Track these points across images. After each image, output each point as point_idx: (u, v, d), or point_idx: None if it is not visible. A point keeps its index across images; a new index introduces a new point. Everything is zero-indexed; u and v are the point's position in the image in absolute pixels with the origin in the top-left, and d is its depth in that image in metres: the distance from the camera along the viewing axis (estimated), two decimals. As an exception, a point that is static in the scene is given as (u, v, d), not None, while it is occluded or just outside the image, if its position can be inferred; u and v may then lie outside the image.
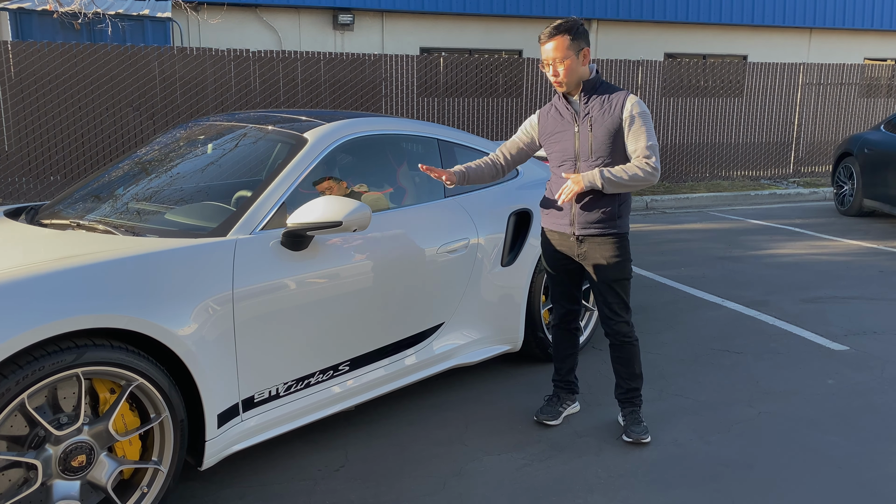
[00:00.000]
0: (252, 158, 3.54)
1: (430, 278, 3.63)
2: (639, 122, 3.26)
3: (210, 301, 2.74)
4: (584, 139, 3.34)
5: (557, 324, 3.69)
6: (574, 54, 3.25)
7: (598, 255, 3.40)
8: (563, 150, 3.41)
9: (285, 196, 3.15)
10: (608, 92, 3.33)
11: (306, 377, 3.16)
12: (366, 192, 3.66)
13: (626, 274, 3.44)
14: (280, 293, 2.98)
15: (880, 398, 3.95)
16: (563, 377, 3.75)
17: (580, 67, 3.29)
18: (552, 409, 3.67)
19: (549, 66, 3.29)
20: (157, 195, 3.44)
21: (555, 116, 3.45)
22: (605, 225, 3.36)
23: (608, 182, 3.23)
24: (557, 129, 3.42)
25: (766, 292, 5.96)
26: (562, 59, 3.25)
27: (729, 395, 4.00)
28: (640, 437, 3.46)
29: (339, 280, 3.20)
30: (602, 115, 3.30)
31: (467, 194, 4.02)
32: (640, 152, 3.26)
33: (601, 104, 3.32)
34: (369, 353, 3.42)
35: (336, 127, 3.53)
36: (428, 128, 4.07)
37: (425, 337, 3.71)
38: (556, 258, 3.55)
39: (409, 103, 11.11)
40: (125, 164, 3.83)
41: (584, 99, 3.35)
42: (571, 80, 3.29)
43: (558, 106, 3.44)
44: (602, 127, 3.30)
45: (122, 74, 9.77)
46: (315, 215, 2.97)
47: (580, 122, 3.35)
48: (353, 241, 3.29)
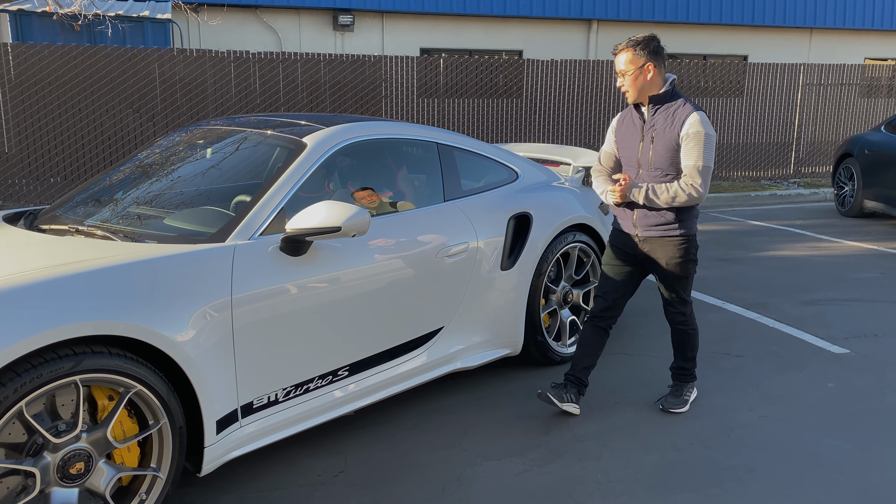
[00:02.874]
0: (251, 163, 3.53)
1: (429, 282, 3.63)
2: (694, 140, 3.41)
3: (208, 307, 2.73)
4: (646, 150, 3.54)
5: (593, 316, 3.79)
6: (635, 68, 3.45)
7: (659, 254, 3.62)
8: (628, 156, 3.64)
9: (284, 201, 3.15)
10: (675, 106, 3.50)
11: (305, 382, 3.15)
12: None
13: (686, 273, 3.65)
14: (279, 299, 2.97)
15: (881, 402, 3.94)
16: (577, 374, 3.78)
17: (643, 80, 3.47)
18: (557, 392, 3.72)
19: (619, 77, 3.53)
20: (156, 200, 3.43)
21: (628, 123, 3.66)
22: (664, 227, 3.56)
23: (648, 201, 3.49)
24: (627, 135, 3.64)
25: (766, 294, 5.95)
26: (625, 72, 3.48)
27: (729, 398, 3.99)
28: (670, 407, 3.79)
29: (339, 285, 3.19)
30: (664, 130, 3.48)
31: (466, 198, 4.01)
32: (688, 172, 3.43)
33: (665, 118, 3.50)
34: (369, 357, 3.41)
35: (335, 132, 3.53)
36: (427, 131, 4.06)
37: (425, 341, 3.70)
38: (617, 255, 3.77)
39: (409, 104, 11.09)
40: (124, 168, 3.83)
41: (652, 111, 3.54)
42: (634, 91, 3.49)
43: (632, 114, 3.65)
44: (662, 141, 3.48)
45: (121, 76, 9.76)
46: (314, 220, 2.97)
47: (645, 133, 3.55)
48: (353, 245, 3.28)
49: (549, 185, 4.59)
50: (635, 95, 3.52)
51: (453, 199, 3.95)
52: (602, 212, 4.81)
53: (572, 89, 11.86)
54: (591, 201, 4.71)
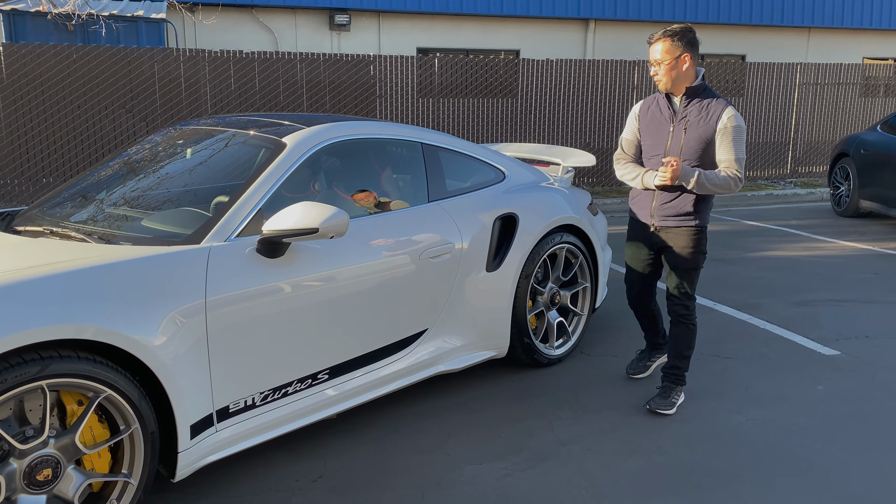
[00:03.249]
0: (231, 163, 3.49)
1: (412, 284, 3.58)
2: (732, 134, 3.52)
3: (182, 310, 2.69)
4: (676, 140, 3.60)
5: (631, 305, 4.11)
6: (672, 58, 3.52)
7: (673, 244, 3.71)
8: (654, 144, 3.69)
9: (262, 202, 3.10)
10: (708, 99, 3.57)
11: (284, 386, 3.11)
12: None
13: (695, 265, 3.73)
14: (256, 301, 2.93)
15: (869, 405, 3.90)
16: (650, 339, 4.22)
17: (678, 71, 3.54)
18: (640, 364, 4.22)
19: (652, 66, 3.60)
20: (134, 201, 3.39)
21: (654, 111, 3.71)
22: (681, 218, 3.66)
23: (699, 185, 3.51)
24: (654, 123, 3.70)
25: (759, 295, 5.90)
26: (661, 61, 3.53)
27: (717, 401, 3.94)
28: (657, 408, 3.78)
29: (318, 287, 3.15)
30: (698, 122, 3.55)
31: (452, 199, 3.97)
32: (730, 164, 3.53)
33: (699, 110, 3.57)
34: (350, 360, 3.37)
35: (316, 131, 3.48)
36: (412, 131, 4.01)
37: (408, 343, 3.66)
38: (635, 244, 3.92)
39: (404, 104, 11.04)
40: (104, 168, 3.78)
41: (685, 102, 3.60)
42: (668, 79, 3.56)
43: (660, 102, 3.69)
44: (696, 132, 3.56)
45: (114, 76, 9.72)
46: (290, 222, 2.92)
47: (676, 123, 3.61)
48: (333, 247, 3.24)
49: (536, 185, 4.55)
50: (668, 85, 3.58)
51: (438, 200, 3.90)
52: (591, 212, 4.77)
53: (569, 89, 11.81)
54: (579, 202, 4.67)
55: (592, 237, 4.56)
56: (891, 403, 3.92)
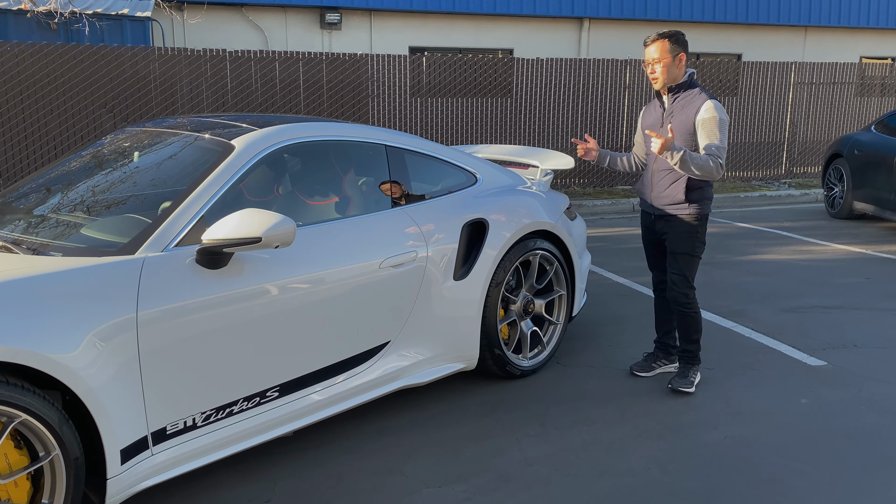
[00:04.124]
0: (179, 167, 3.29)
1: (371, 295, 3.40)
2: (711, 124, 3.69)
3: (110, 327, 2.50)
4: (664, 135, 3.68)
5: (655, 288, 4.23)
6: (671, 57, 3.75)
7: (670, 230, 3.92)
8: (648, 141, 3.89)
9: (205, 209, 2.92)
10: (691, 94, 3.79)
11: (228, 405, 2.93)
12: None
13: (692, 251, 3.90)
14: (195, 316, 2.74)
15: (855, 421, 3.71)
16: (661, 339, 4.26)
17: (674, 69, 3.77)
18: (646, 363, 4.26)
19: (650, 66, 3.80)
20: (76, 207, 3.21)
21: (651, 111, 4.00)
22: (676, 206, 3.86)
23: (682, 161, 3.62)
24: (649, 122, 3.98)
25: (745, 301, 5.72)
26: (660, 60, 3.75)
27: (695, 415, 3.76)
28: (678, 386, 4.00)
29: (265, 299, 2.97)
30: (681, 115, 3.78)
31: (417, 204, 3.78)
32: (708, 150, 3.68)
33: (683, 105, 3.80)
34: (303, 377, 3.18)
35: (268, 133, 3.30)
36: (376, 133, 3.83)
37: (368, 357, 3.48)
38: (644, 232, 4.17)
39: (395, 104, 10.86)
40: (48, 174, 3.60)
41: (672, 98, 3.85)
42: (666, 79, 3.78)
43: (655, 102, 3.97)
44: (678, 126, 3.77)
45: (94, 75, 9.53)
46: (231, 231, 2.74)
47: (665, 119, 3.86)
48: (283, 256, 3.06)
49: (511, 189, 4.37)
50: (664, 82, 3.79)
51: (402, 205, 3.72)
52: (568, 217, 4.58)
53: (564, 88, 11.63)
54: (555, 206, 4.48)
55: (568, 243, 4.38)
56: (877, 418, 3.73)
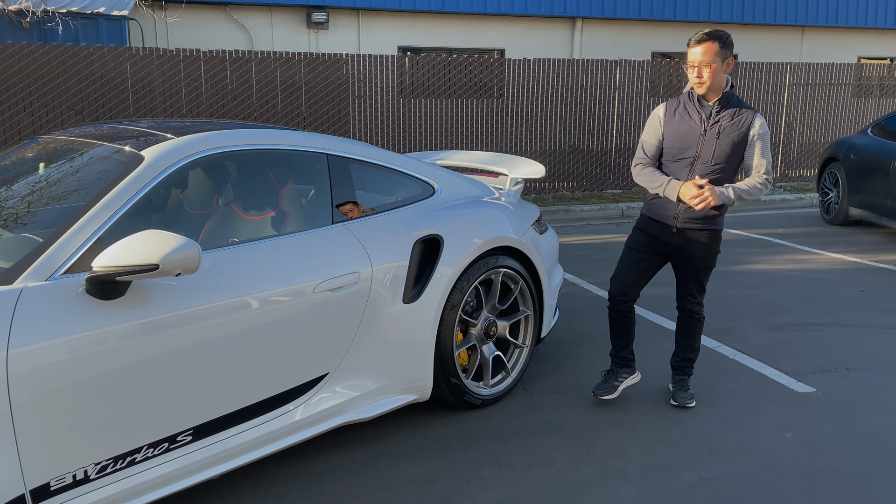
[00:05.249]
0: (83, 181, 2.92)
1: (304, 322, 3.05)
2: (764, 141, 3.59)
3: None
4: (708, 144, 3.58)
5: (611, 298, 3.89)
6: (720, 60, 3.50)
7: (693, 246, 3.72)
8: (683, 148, 3.63)
9: (103, 230, 2.57)
10: (739, 106, 3.59)
11: (130, 453, 2.57)
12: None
13: (712, 265, 3.82)
14: (84, 353, 2.39)
15: (844, 460, 3.36)
16: (618, 353, 3.96)
17: (721, 74, 3.53)
18: (608, 384, 3.94)
19: (695, 69, 3.52)
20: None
21: (682, 114, 3.65)
22: (705, 222, 3.68)
23: (738, 199, 3.57)
24: (683, 126, 3.64)
25: (731, 317, 5.37)
26: (708, 63, 3.48)
27: (669, 453, 3.41)
28: (685, 402, 3.86)
29: (171, 332, 2.61)
30: (731, 127, 3.57)
31: (362, 219, 3.43)
32: (763, 169, 3.60)
33: (731, 116, 3.58)
34: (221, 418, 2.83)
35: (184, 143, 2.94)
36: (317, 141, 3.47)
37: (302, 392, 3.12)
38: (645, 241, 3.81)
39: (376, 105, 10.51)
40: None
41: (717, 107, 3.58)
42: (713, 83, 3.52)
43: (689, 106, 3.64)
44: (729, 138, 3.57)
45: (62, 76, 9.18)
46: (125, 256, 2.39)
47: (709, 128, 3.58)
48: (195, 283, 2.71)
49: (473, 201, 4.02)
50: (709, 87, 3.53)
51: (344, 221, 3.37)
52: (536, 230, 4.23)
53: (556, 89, 11.28)
54: (522, 219, 4.13)
55: (535, 259, 4.03)
56: (868, 456, 3.38)
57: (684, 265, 3.79)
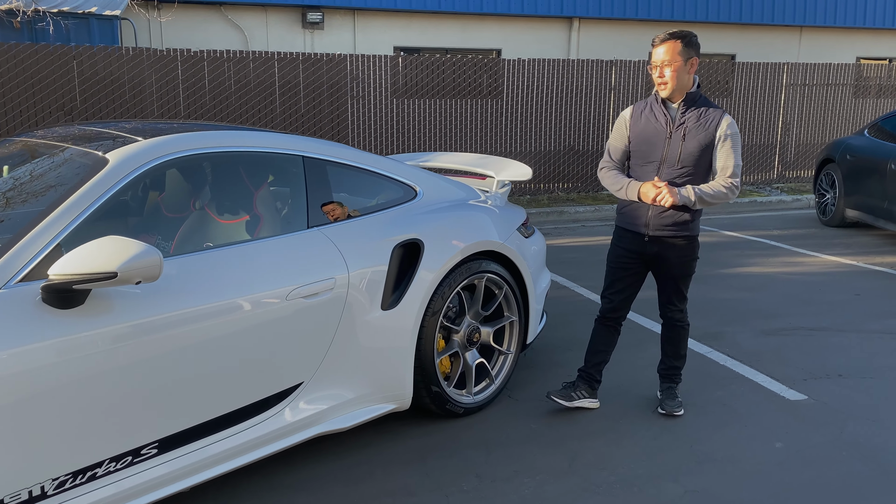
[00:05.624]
0: (46, 185, 2.84)
1: (276, 330, 2.95)
2: (731, 142, 3.46)
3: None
4: (674, 146, 3.49)
5: (599, 318, 3.83)
6: (683, 60, 3.40)
7: (668, 254, 3.60)
8: (649, 151, 3.54)
9: (62, 236, 2.48)
10: (707, 107, 3.50)
11: (91, 468, 2.48)
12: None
13: (690, 272, 3.71)
14: (40, 364, 2.30)
15: (834, 470, 3.27)
16: (588, 370, 3.84)
17: (685, 75, 3.43)
18: (565, 392, 3.80)
19: (657, 69, 3.44)
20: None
21: (648, 117, 3.56)
22: (677, 228, 3.55)
23: (700, 201, 3.45)
24: (649, 129, 3.55)
25: (723, 322, 5.28)
26: (670, 62, 3.40)
27: (655, 464, 3.32)
28: (672, 410, 3.76)
29: (135, 342, 2.52)
30: (697, 128, 3.46)
31: (338, 224, 3.34)
32: (729, 171, 3.47)
33: (698, 117, 3.48)
34: (189, 429, 2.74)
35: (151, 145, 2.85)
36: (293, 143, 3.38)
37: (275, 402, 3.03)
38: (623, 255, 3.71)
39: (371, 105, 10.42)
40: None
41: (683, 108, 3.49)
42: (676, 84, 3.43)
43: (654, 108, 3.55)
44: (695, 139, 3.46)
45: (51, 76, 9.09)
46: (82, 264, 2.30)
47: (674, 130, 3.49)
48: (161, 290, 2.62)
49: (457, 204, 3.92)
50: (673, 88, 3.44)
51: (320, 226, 3.28)
52: (522, 234, 4.14)
53: (552, 90, 11.19)
54: (507, 223, 4.04)
55: (520, 264, 3.94)
56: (859, 467, 3.29)
57: (662, 273, 3.70)
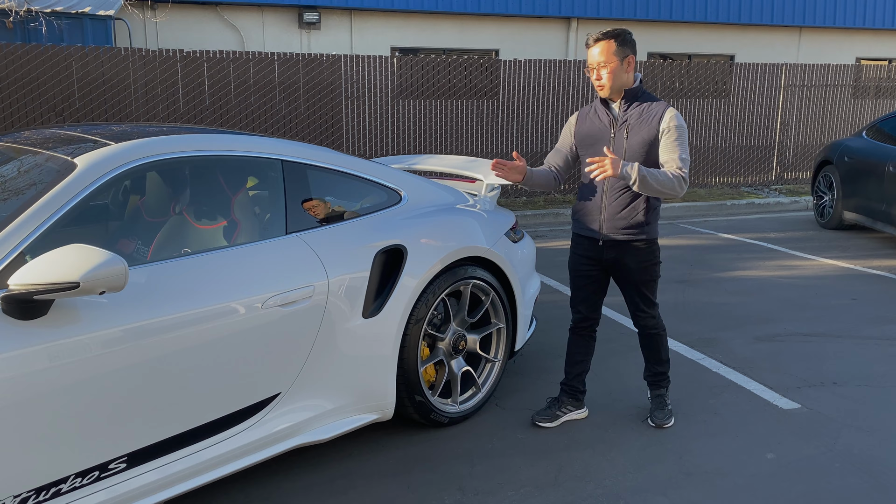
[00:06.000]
0: (13, 191, 2.76)
1: (251, 340, 2.87)
2: (675, 134, 3.33)
3: None
4: (618, 145, 3.40)
5: (572, 328, 3.76)
6: (618, 60, 3.31)
7: (626, 259, 3.48)
8: (595, 153, 3.43)
9: (25, 244, 2.40)
10: (648, 101, 3.40)
11: (54, 484, 2.40)
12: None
13: (653, 276, 3.55)
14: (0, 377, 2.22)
15: (827, 482, 3.18)
16: (569, 382, 3.76)
17: (623, 74, 3.34)
18: (550, 412, 3.72)
19: (594, 71, 3.35)
20: None
21: (592, 119, 3.50)
22: (633, 231, 3.43)
23: (642, 179, 3.21)
24: (593, 132, 3.48)
25: (717, 327, 5.19)
26: (606, 63, 3.31)
27: (642, 477, 3.23)
28: (662, 423, 3.67)
29: (101, 353, 2.44)
30: (639, 124, 3.37)
31: (318, 229, 3.25)
32: (674, 163, 3.32)
33: (640, 113, 3.38)
34: (160, 443, 2.65)
35: (122, 149, 2.76)
36: (271, 146, 3.29)
37: (251, 414, 2.95)
38: (581, 262, 3.61)
39: (366, 106, 10.34)
40: None
41: (624, 106, 3.41)
42: (614, 84, 3.35)
43: (598, 109, 3.49)
44: (638, 136, 3.37)
45: (42, 76, 9.02)
46: (43, 273, 2.22)
47: (617, 129, 3.41)
48: (129, 299, 2.53)
49: (444, 208, 3.84)
50: (611, 88, 3.37)
51: (299, 231, 3.19)
52: (510, 239, 4.06)
53: (550, 90, 11.11)
54: (495, 227, 3.96)
55: (507, 269, 3.86)
56: (852, 480, 3.20)
57: (623, 280, 3.56)
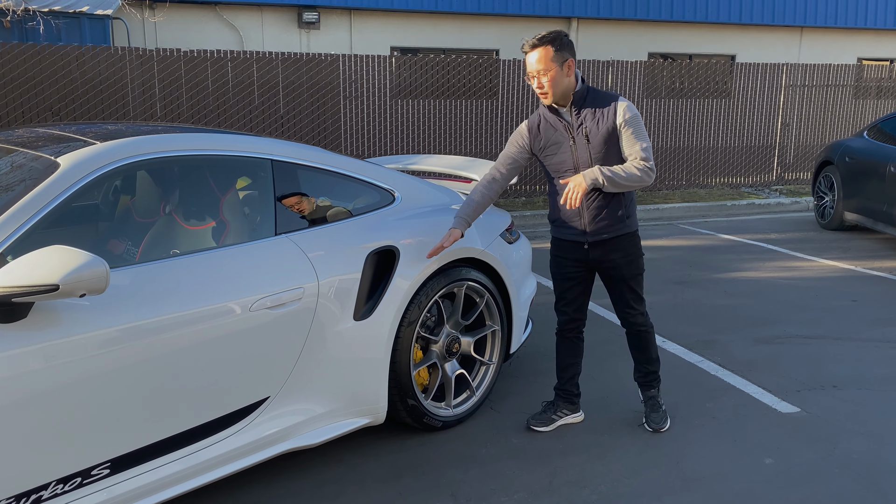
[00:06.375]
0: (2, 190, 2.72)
1: (238, 343, 2.82)
2: (632, 126, 3.26)
3: None
4: (581, 150, 3.32)
5: (558, 331, 3.70)
6: (558, 66, 3.21)
7: (611, 256, 3.44)
8: (560, 161, 3.38)
9: (6, 244, 2.35)
10: (598, 99, 3.31)
11: (34, 491, 2.35)
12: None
13: (639, 269, 3.51)
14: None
15: (825, 488, 3.13)
16: (563, 385, 3.71)
17: (565, 79, 3.24)
18: (545, 416, 3.68)
19: (534, 79, 3.26)
20: None
21: (546, 128, 3.39)
22: (615, 227, 3.39)
23: (609, 180, 3.21)
24: (552, 141, 3.38)
25: (716, 329, 5.13)
26: (545, 71, 3.21)
27: (638, 482, 3.18)
28: (659, 427, 3.61)
29: (83, 357, 2.38)
30: (596, 125, 3.29)
31: (307, 230, 3.20)
32: (637, 155, 3.26)
33: (593, 113, 3.30)
34: (144, 448, 2.60)
35: (106, 149, 2.71)
36: (261, 145, 3.24)
37: (239, 419, 2.89)
38: (565, 266, 3.55)
39: (363, 106, 10.29)
40: None
41: (575, 110, 3.31)
42: (557, 91, 3.25)
43: (548, 118, 3.38)
44: (598, 136, 3.29)
45: (39, 76, 8.98)
46: (22, 275, 2.17)
47: (575, 134, 3.32)
48: (111, 301, 2.48)
49: (438, 209, 3.78)
50: (555, 95, 3.25)
51: (288, 232, 3.14)
52: (506, 240, 4.01)
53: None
54: (491, 228, 3.91)
55: (502, 271, 3.80)
56: (852, 485, 3.15)
57: (610, 277, 3.51)
